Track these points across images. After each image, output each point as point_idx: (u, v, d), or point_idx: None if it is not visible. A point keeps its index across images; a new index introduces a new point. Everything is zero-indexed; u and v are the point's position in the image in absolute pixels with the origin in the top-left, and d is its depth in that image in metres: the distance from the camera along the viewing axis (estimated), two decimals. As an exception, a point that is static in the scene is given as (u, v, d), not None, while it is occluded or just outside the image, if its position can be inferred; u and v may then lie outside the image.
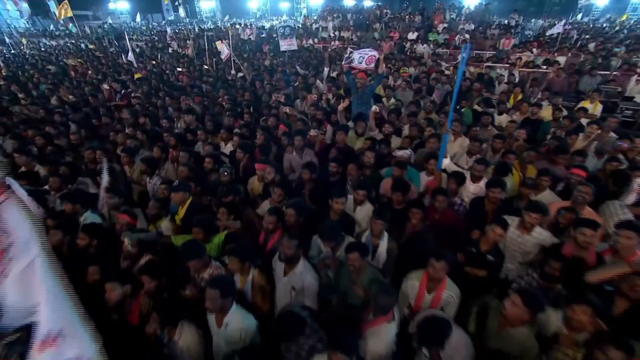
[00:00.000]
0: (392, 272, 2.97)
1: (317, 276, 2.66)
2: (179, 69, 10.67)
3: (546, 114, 5.59)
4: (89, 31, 24.78)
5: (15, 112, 6.64)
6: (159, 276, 2.49)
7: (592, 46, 12.23)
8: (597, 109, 6.15)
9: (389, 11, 18.20)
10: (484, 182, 3.55)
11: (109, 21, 29.77)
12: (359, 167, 3.77)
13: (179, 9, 38.93)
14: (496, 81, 8.01)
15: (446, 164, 4.00)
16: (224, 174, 3.80)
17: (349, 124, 5.08)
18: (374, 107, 5.09)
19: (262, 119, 5.63)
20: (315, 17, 23.72)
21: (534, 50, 11.34)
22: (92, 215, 3.44)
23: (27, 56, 15.86)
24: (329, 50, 13.36)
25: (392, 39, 13.70)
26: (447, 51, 11.97)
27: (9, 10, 29.87)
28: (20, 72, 11.44)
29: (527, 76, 8.70)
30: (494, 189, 3.29)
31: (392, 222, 2.98)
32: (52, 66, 12.09)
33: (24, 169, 4.23)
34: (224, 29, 20.73)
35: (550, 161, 4.02)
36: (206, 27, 25.07)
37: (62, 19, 17.31)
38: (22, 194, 2.55)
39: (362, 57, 5.43)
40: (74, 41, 20.73)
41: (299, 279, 2.56)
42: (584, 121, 5.16)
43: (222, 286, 2.17)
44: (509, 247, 3.03)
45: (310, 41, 15.74)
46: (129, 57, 11.31)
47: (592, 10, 26.64)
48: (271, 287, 2.74)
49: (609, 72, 8.66)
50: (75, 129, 5.55)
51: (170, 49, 16.12)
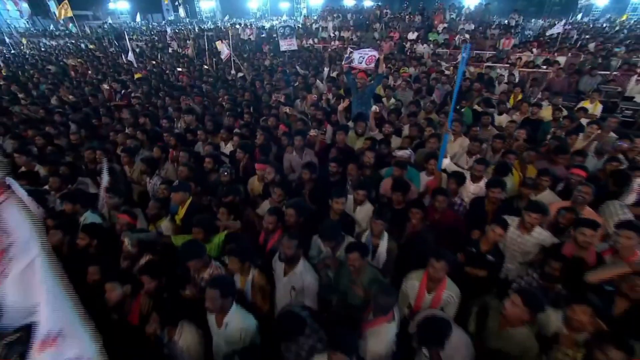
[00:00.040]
0: (392, 272, 2.97)
1: (317, 276, 2.66)
2: (179, 69, 10.67)
3: (546, 114, 5.58)
4: (88, 31, 24.78)
5: (15, 112, 6.64)
6: (159, 276, 2.49)
7: (592, 46, 12.23)
8: (597, 109, 6.16)
9: (389, 11, 18.19)
10: (484, 182, 3.55)
11: (109, 21, 29.77)
12: (359, 167, 3.77)
13: (179, 9, 38.92)
14: (496, 81, 8.01)
15: (446, 164, 4.00)
16: (224, 174, 3.79)
17: (349, 124, 5.08)
18: (374, 107, 5.09)
19: (262, 119, 5.63)
20: (315, 17, 23.72)
21: (534, 50, 11.34)
22: (92, 215, 3.44)
23: (27, 56, 15.85)
24: (329, 50, 13.36)
25: (392, 39, 13.70)
26: (447, 51, 11.98)
27: (9, 10, 29.88)
28: (20, 72, 11.44)
29: (527, 76, 8.69)
30: (494, 189, 3.29)
31: (392, 222, 2.98)
32: (52, 66, 12.09)
33: (24, 169, 4.23)
34: (224, 29, 20.73)
35: (550, 161, 4.02)
36: (206, 27, 25.07)
37: (62, 19, 17.30)
38: (22, 194, 2.55)
39: (362, 57, 5.43)
40: (73, 41, 20.72)
41: (299, 279, 2.56)
42: (584, 121, 5.16)
43: (222, 286, 2.17)
44: (509, 247, 3.03)
45: (310, 41, 15.74)
46: (129, 57, 11.31)
47: (592, 10, 26.65)
48: (271, 287, 2.73)
49: (609, 72, 8.66)
50: (75, 129, 5.56)
51: (170, 49, 16.11)
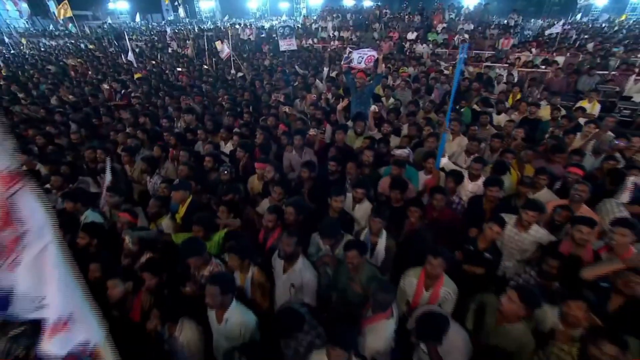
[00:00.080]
0: (390, 269, 2.99)
1: (316, 273, 2.68)
2: (179, 69, 10.68)
3: (545, 113, 5.61)
4: (88, 31, 24.77)
5: (15, 112, 6.66)
6: (160, 273, 2.52)
7: (591, 46, 12.26)
8: (595, 109, 6.19)
9: (388, 11, 18.21)
10: (482, 180, 3.57)
11: (109, 21, 29.77)
12: (358, 166, 3.79)
13: (179, 9, 38.89)
14: (495, 81, 8.04)
15: (444, 162, 4.02)
16: (224, 172, 3.81)
17: (348, 123, 5.10)
18: (373, 106, 5.11)
19: (262, 119, 5.65)
20: (314, 17, 23.74)
21: (533, 50, 11.37)
22: (92, 213, 3.46)
23: (26, 56, 15.86)
24: (329, 50, 13.38)
25: (391, 39, 13.73)
26: (446, 51, 12.01)
27: (8, 10, 29.85)
28: (20, 72, 11.45)
29: (526, 76, 8.73)
30: (492, 187, 3.31)
31: (390, 220, 3.00)
32: (52, 66, 12.10)
33: (25, 168, 4.26)
34: (224, 29, 20.74)
35: (547, 160, 4.05)
36: (206, 27, 25.07)
37: (61, 18, 17.31)
38: None
39: (362, 57, 5.46)
40: (73, 41, 20.72)
41: (298, 276, 2.58)
42: (582, 121, 5.18)
43: (222, 283, 2.19)
44: (507, 244, 3.06)
45: (309, 41, 15.76)
46: (129, 57, 11.33)
47: (591, 10, 26.68)
48: (271, 284, 2.76)
49: (607, 72, 8.68)
50: (75, 128, 5.58)
51: (169, 49, 16.13)
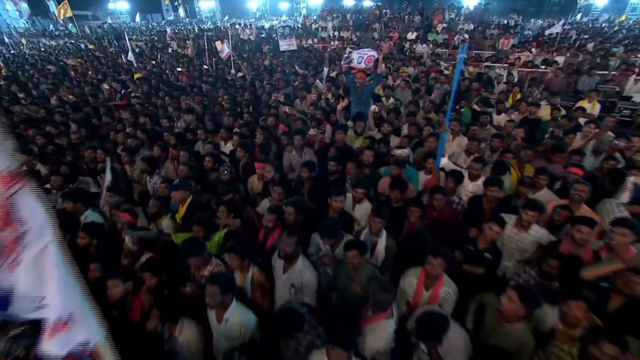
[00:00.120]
0: (390, 269, 2.99)
1: (316, 273, 2.68)
2: (179, 69, 10.69)
3: (544, 113, 5.61)
4: (88, 31, 24.77)
5: (15, 112, 6.66)
6: (160, 273, 2.52)
7: (591, 46, 12.27)
8: (595, 109, 6.19)
9: (388, 11, 18.22)
10: (482, 180, 3.57)
11: (109, 21, 29.77)
12: (358, 166, 3.79)
13: (179, 9, 38.89)
14: (495, 81, 8.04)
15: (444, 162, 4.02)
16: (224, 172, 3.82)
17: (348, 123, 5.10)
18: (373, 106, 5.11)
19: (262, 119, 5.65)
20: (314, 17, 23.75)
21: (533, 50, 11.38)
22: (92, 213, 3.46)
23: (26, 56, 15.86)
24: (329, 50, 13.38)
25: (391, 39, 13.74)
26: (446, 51, 12.01)
27: (8, 10, 29.85)
28: (20, 72, 11.45)
29: (526, 76, 8.73)
30: (492, 187, 3.31)
31: (390, 220, 3.00)
32: (52, 66, 12.10)
33: (25, 168, 4.26)
34: (224, 29, 20.74)
35: (547, 160, 4.05)
36: (206, 27, 25.08)
37: (61, 19, 17.31)
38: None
39: (361, 57, 5.47)
40: (73, 41, 20.72)
41: (298, 276, 2.58)
42: (582, 120, 5.18)
43: (222, 283, 2.19)
44: (507, 245, 3.06)
45: (309, 41, 15.76)
46: (129, 57, 11.33)
47: (591, 10, 26.68)
48: (271, 284, 2.76)
49: (607, 72, 8.69)
50: (75, 128, 5.58)
51: (170, 49, 16.14)
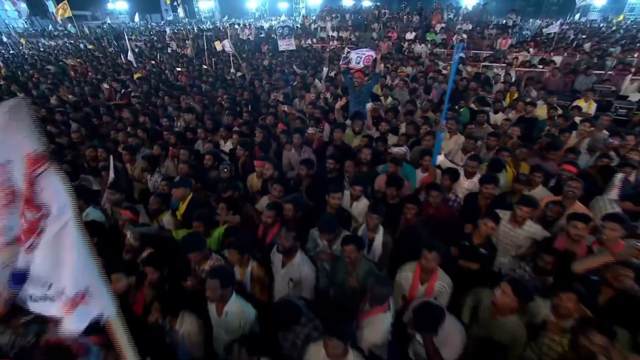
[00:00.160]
0: (387, 265, 3.04)
1: (314, 268, 2.72)
2: (178, 69, 10.72)
3: (541, 112, 5.67)
4: (87, 31, 24.77)
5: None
6: (162, 267, 2.56)
7: (588, 46, 12.35)
8: (592, 108, 6.25)
9: (387, 11, 18.29)
10: (478, 178, 3.63)
11: (108, 21, 29.76)
12: (356, 164, 3.84)
13: (178, 9, 38.88)
14: (492, 80, 8.10)
15: (440, 160, 4.07)
16: (224, 170, 3.86)
17: (347, 122, 5.15)
18: (370, 104, 5.15)
19: (261, 118, 5.70)
20: (313, 17, 23.79)
21: (531, 50, 11.45)
22: (94, 211, 3.49)
23: (26, 56, 15.87)
24: (328, 50, 13.44)
25: (390, 38, 13.81)
26: (445, 51, 12.07)
27: (7, 10, 29.81)
28: (19, 72, 11.47)
29: (524, 75, 8.79)
30: (487, 184, 3.37)
31: (386, 217, 3.05)
32: (52, 66, 12.12)
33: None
34: (223, 29, 20.78)
35: (542, 158, 4.11)
36: (205, 27, 25.11)
37: (60, 19, 17.31)
38: None
39: (360, 57, 5.53)
40: (72, 41, 20.73)
41: (296, 270, 2.63)
42: (578, 119, 5.25)
43: (222, 276, 2.24)
44: (502, 240, 3.11)
45: (308, 41, 15.81)
46: (129, 56, 11.36)
47: (589, 10, 26.77)
48: (270, 279, 2.80)
49: (604, 72, 8.76)
50: (75, 127, 5.61)
51: (169, 49, 16.17)
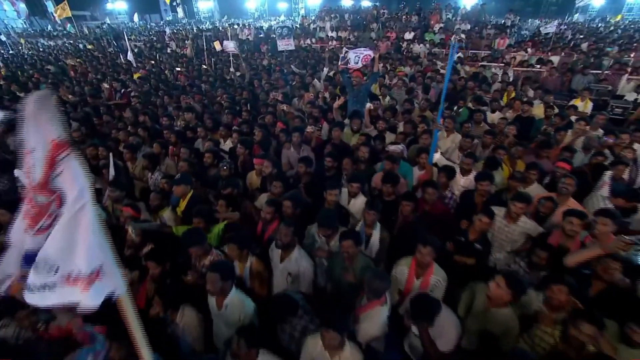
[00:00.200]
0: (384, 260, 3.09)
1: (312, 262, 2.78)
2: (178, 69, 10.77)
3: (538, 111, 5.73)
4: (87, 31, 24.78)
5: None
6: (163, 262, 2.61)
7: (585, 46, 12.42)
8: (588, 107, 6.31)
9: (386, 11, 18.32)
10: (474, 175, 3.68)
11: (107, 21, 29.77)
12: (353, 162, 3.89)
13: (177, 9, 38.89)
14: (490, 80, 8.16)
15: (437, 158, 4.13)
16: (224, 168, 3.92)
17: (345, 121, 5.20)
18: (368, 104, 5.21)
19: (260, 117, 5.74)
20: (313, 18, 23.83)
21: (529, 50, 11.51)
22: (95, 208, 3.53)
23: (25, 56, 15.89)
24: (327, 50, 13.49)
25: (388, 38, 13.86)
26: (443, 51, 12.10)
27: (6, 10, 29.80)
28: (19, 72, 11.49)
29: (521, 75, 8.85)
30: (483, 182, 3.42)
31: (383, 213, 3.10)
32: (51, 66, 12.15)
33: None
34: (222, 29, 20.81)
35: (537, 156, 4.16)
36: (204, 27, 25.14)
37: (59, 19, 17.33)
38: None
39: (358, 57, 5.58)
40: (72, 41, 20.75)
41: (294, 265, 2.68)
42: (574, 118, 5.31)
43: (222, 270, 2.29)
44: (497, 236, 3.17)
45: (308, 41, 15.86)
46: (128, 56, 11.39)
47: (588, 10, 26.86)
48: (269, 274, 2.85)
49: (600, 72, 8.83)
50: (76, 126, 5.65)
51: (168, 49, 16.21)
